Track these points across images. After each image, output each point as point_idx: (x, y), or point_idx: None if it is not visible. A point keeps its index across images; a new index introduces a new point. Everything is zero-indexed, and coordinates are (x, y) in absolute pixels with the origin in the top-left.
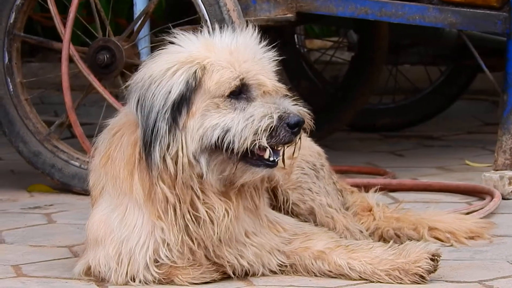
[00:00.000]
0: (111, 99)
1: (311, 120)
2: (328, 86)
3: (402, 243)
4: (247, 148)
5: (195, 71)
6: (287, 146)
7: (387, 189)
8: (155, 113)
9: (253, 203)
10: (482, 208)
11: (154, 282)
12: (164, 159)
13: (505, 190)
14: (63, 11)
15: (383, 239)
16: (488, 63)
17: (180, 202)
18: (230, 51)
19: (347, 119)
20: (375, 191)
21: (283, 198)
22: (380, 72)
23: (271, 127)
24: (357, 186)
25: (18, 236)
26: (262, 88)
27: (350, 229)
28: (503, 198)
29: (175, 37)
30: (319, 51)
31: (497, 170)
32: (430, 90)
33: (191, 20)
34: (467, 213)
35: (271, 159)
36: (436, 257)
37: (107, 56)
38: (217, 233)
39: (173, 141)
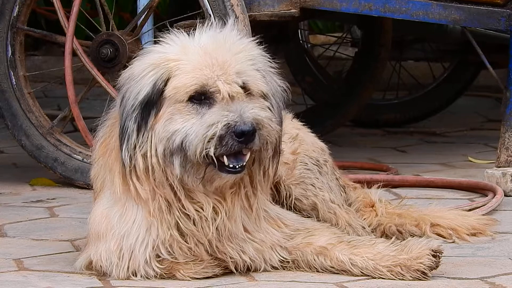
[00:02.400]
0: (114, 93)
1: (272, 126)
2: (332, 82)
3: (404, 239)
4: (205, 155)
5: (162, 74)
6: (248, 152)
7: (390, 185)
8: (126, 112)
9: (248, 202)
10: (484, 205)
11: (155, 277)
12: (135, 157)
13: (507, 187)
14: (67, 4)
15: (385, 235)
16: (492, 59)
17: (166, 201)
18: (203, 53)
19: (351, 114)
20: (378, 187)
21: (286, 193)
22: (383, 68)
23: (218, 136)
24: (360, 182)
25: (20, 230)
26: (220, 94)
27: (352, 225)
28: (506, 195)
29: (168, 34)
30: (323, 46)
31: (499, 166)
32: (434, 86)
33: (194, 14)
34: (470, 210)
35: (231, 165)
36: (438, 254)
37: (111, 50)
38: (212, 231)
39: (142, 141)
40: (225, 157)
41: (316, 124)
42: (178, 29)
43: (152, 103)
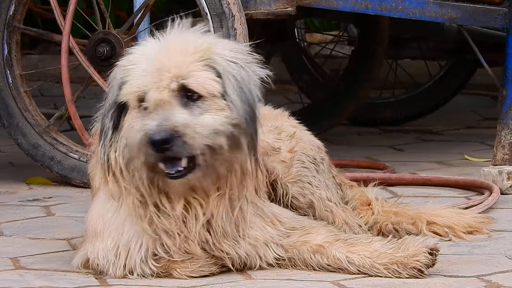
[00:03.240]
0: None
1: (198, 130)
2: (329, 80)
3: (400, 238)
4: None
5: (120, 78)
6: (186, 157)
7: (387, 183)
8: (104, 109)
9: (231, 201)
10: (481, 203)
11: (152, 275)
12: (109, 155)
13: (503, 185)
14: (63, 3)
15: (381, 233)
16: (488, 58)
17: (142, 196)
18: (153, 58)
19: (348, 113)
20: (374, 185)
21: (283, 192)
22: (380, 66)
23: (141, 143)
24: (357, 180)
25: (16, 229)
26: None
27: (349, 223)
28: (502, 193)
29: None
30: (320, 45)
31: (496, 165)
32: (430, 85)
33: (191, 13)
34: (466, 208)
35: (166, 171)
36: (434, 251)
37: (107, 48)
38: (197, 230)
39: (115, 140)
40: (161, 164)
41: (313, 122)
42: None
43: (122, 105)
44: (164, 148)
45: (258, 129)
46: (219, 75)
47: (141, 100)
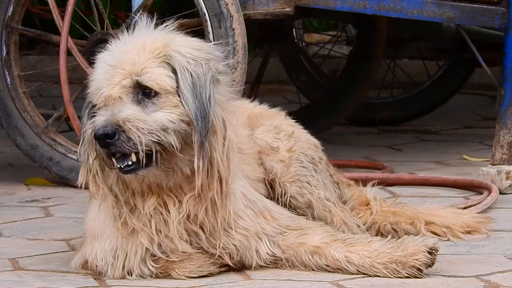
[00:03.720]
0: None
1: (144, 126)
2: (327, 80)
3: (399, 238)
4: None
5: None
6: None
7: (385, 183)
8: (83, 109)
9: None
10: (479, 203)
11: (151, 276)
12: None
13: (502, 184)
14: (62, 4)
15: (380, 233)
16: (486, 57)
17: (115, 197)
18: (114, 56)
19: (346, 113)
20: (373, 185)
21: (281, 191)
22: (378, 66)
23: (90, 139)
24: (355, 180)
25: (15, 230)
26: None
27: (347, 223)
28: (501, 193)
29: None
30: (318, 45)
31: (494, 164)
32: (428, 85)
33: (189, 14)
34: (465, 208)
35: (117, 166)
36: (433, 251)
37: None
38: (173, 229)
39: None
40: (113, 159)
41: (311, 122)
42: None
43: (94, 104)
44: (108, 143)
45: (209, 128)
46: (174, 72)
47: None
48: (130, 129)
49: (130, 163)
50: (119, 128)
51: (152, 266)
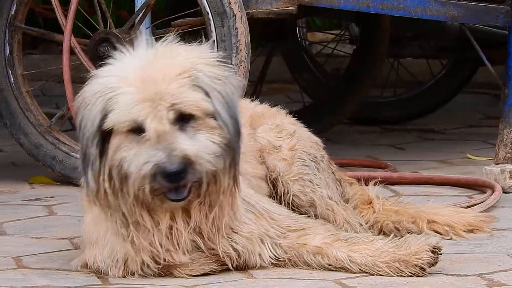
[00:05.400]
0: None
1: (206, 157)
2: (330, 79)
3: (402, 236)
4: (137, 189)
5: (103, 105)
6: (192, 184)
7: (388, 182)
8: (86, 139)
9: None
10: (483, 202)
11: (153, 275)
12: (98, 181)
13: (506, 183)
14: (65, 3)
15: (382, 232)
16: (490, 56)
17: (123, 216)
18: (136, 84)
19: (349, 112)
20: (376, 184)
21: (284, 190)
22: (382, 65)
23: (150, 175)
24: (358, 179)
25: (19, 228)
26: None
27: (350, 222)
28: (504, 192)
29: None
30: (321, 44)
31: (498, 163)
32: (432, 84)
33: (192, 12)
34: (468, 207)
35: (172, 198)
36: (436, 250)
37: (108, 48)
38: (183, 242)
39: (101, 167)
40: (166, 191)
41: (314, 121)
42: (175, 27)
43: (106, 131)
44: (179, 178)
45: (241, 144)
46: (207, 94)
47: (133, 129)
48: (196, 161)
49: (186, 194)
50: (187, 162)
51: (154, 266)
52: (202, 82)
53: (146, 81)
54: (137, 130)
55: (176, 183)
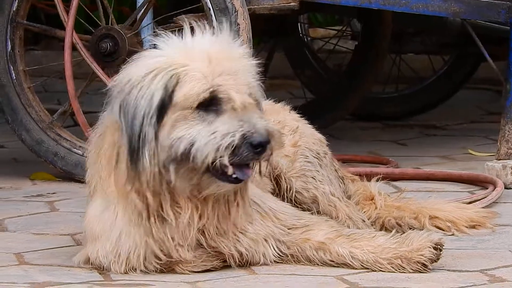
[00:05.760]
0: None
1: (280, 137)
2: (332, 75)
3: (403, 232)
4: (210, 163)
5: (170, 78)
6: (255, 164)
7: (390, 178)
8: (141, 119)
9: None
10: (484, 197)
11: (155, 271)
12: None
13: (507, 179)
14: None
15: (384, 228)
16: (492, 52)
17: (148, 207)
18: (208, 60)
19: (351, 107)
20: (378, 180)
21: (287, 186)
22: (383, 60)
23: (233, 145)
24: (360, 175)
25: (20, 224)
26: (231, 103)
27: (352, 218)
28: (506, 188)
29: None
30: (323, 39)
31: (499, 159)
32: (434, 79)
33: (194, 8)
34: (470, 202)
35: (234, 176)
36: (439, 246)
37: (110, 44)
38: (191, 235)
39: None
40: (230, 167)
41: (316, 117)
42: (176, 23)
43: (165, 109)
44: (263, 151)
45: None
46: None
47: (205, 102)
48: (275, 139)
49: (250, 173)
50: (270, 136)
51: (156, 262)
52: (254, 72)
53: (217, 57)
54: (209, 104)
55: (259, 155)
